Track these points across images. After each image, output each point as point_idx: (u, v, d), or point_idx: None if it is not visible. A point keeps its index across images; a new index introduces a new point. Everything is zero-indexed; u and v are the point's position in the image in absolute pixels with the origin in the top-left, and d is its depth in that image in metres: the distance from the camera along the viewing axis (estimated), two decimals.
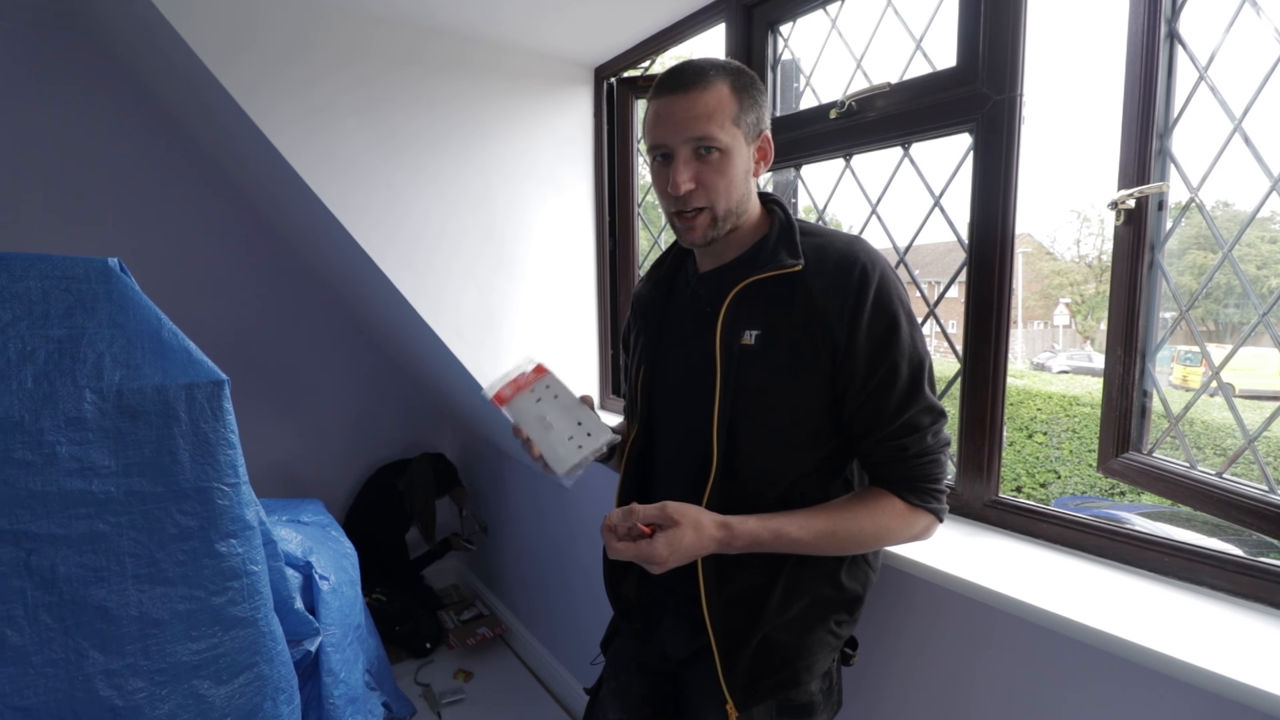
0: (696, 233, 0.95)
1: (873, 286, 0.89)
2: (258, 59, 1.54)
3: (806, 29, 1.58)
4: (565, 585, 2.35)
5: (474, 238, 1.92)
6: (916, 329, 0.92)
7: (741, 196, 0.95)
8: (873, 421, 0.91)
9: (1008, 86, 1.13)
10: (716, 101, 0.89)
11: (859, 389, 0.90)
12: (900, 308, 0.90)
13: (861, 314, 0.88)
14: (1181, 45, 1.02)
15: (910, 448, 0.90)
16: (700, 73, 0.90)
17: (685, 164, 0.91)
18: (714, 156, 0.91)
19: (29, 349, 1.01)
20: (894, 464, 0.92)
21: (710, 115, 0.89)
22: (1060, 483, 6.58)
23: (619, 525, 0.85)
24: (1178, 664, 0.80)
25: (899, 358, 0.89)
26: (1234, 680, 0.76)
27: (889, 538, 0.93)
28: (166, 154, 2.43)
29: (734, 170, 0.92)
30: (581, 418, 0.96)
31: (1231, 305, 7.35)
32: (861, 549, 0.94)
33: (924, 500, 0.93)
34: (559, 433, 0.95)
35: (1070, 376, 9.84)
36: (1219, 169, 1.02)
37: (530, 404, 0.96)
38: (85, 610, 1.06)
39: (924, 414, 0.90)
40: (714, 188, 0.92)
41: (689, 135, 0.89)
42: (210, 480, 1.13)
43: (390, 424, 3.14)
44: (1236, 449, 1.02)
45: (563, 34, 1.86)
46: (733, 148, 0.91)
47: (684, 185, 0.90)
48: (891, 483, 0.93)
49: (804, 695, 0.97)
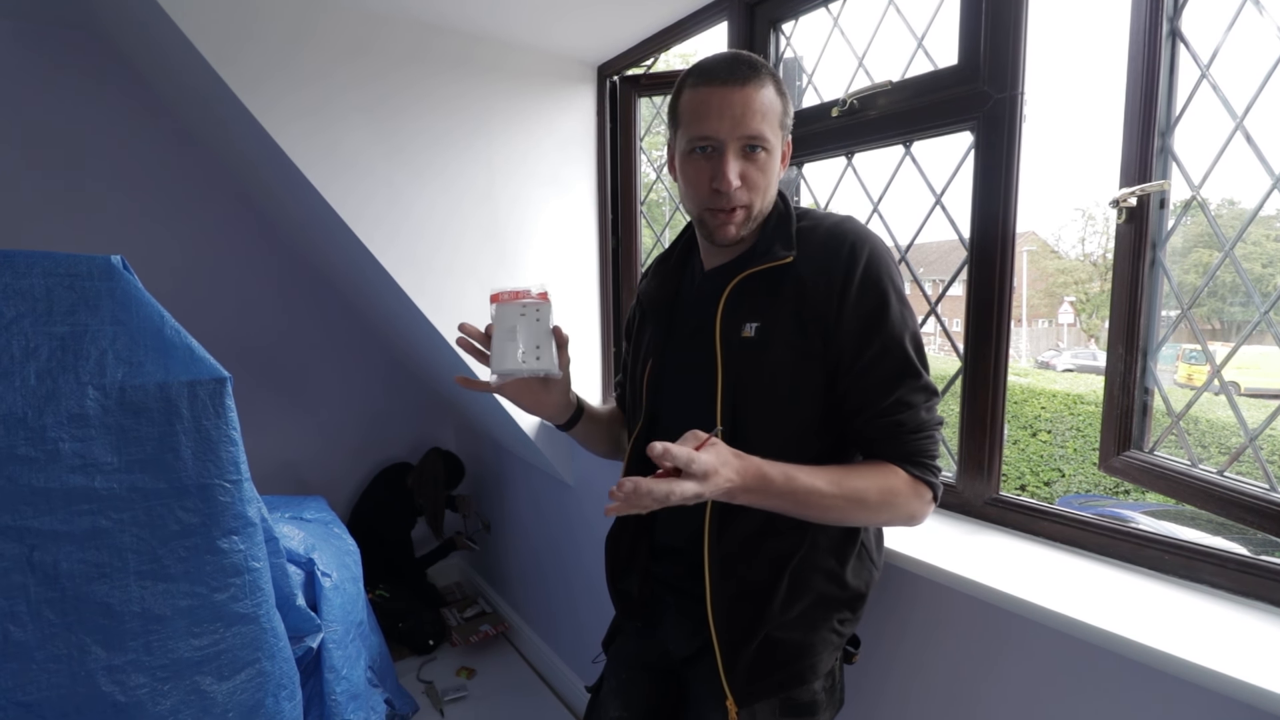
0: (733, 229, 0.94)
1: (861, 263, 0.88)
2: (259, 54, 1.54)
3: (808, 27, 1.58)
4: (567, 583, 2.36)
5: (476, 236, 1.93)
6: (907, 305, 0.91)
7: (773, 197, 0.96)
8: (865, 399, 0.89)
9: (1009, 85, 1.13)
10: (769, 100, 0.89)
11: (849, 367, 0.89)
12: (889, 284, 0.89)
13: (849, 290, 0.87)
14: (1183, 43, 1.02)
15: (906, 424, 0.89)
16: (755, 67, 0.89)
17: (735, 160, 0.90)
18: (760, 156, 0.90)
19: (32, 346, 1.01)
20: (891, 440, 0.90)
21: (764, 114, 0.89)
22: (1064, 481, 6.56)
23: (665, 459, 0.73)
24: (1179, 662, 0.80)
25: (889, 335, 0.88)
26: (1235, 678, 0.76)
27: (894, 501, 0.89)
28: (171, 152, 2.44)
29: (774, 171, 0.93)
30: (543, 346, 1.00)
31: (1236, 304, 7.31)
32: (867, 510, 0.89)
33: (924, 474, 0.90)
34: (516, 345, 0.99)
35: (1075, 375, 9.80)
36: (1221, 167, 1.02)
37: (513, 314, 1.00)
38: (87, 606, 1.06)
39: (917, 391, 0.89)
40: (757, 187, 0.92)
41: (743, 132, 0.88)
42: (212, 477, 1.14)
43: (396, 424, 3.15)
44: (1238, 447, 1.02)
45: (567, 32, 1.86)
46: (776, 149, 0.92)
47: (735, 182, 0.90)
48: (891, 457, 0.91)
49: (807, 694, 0.96)
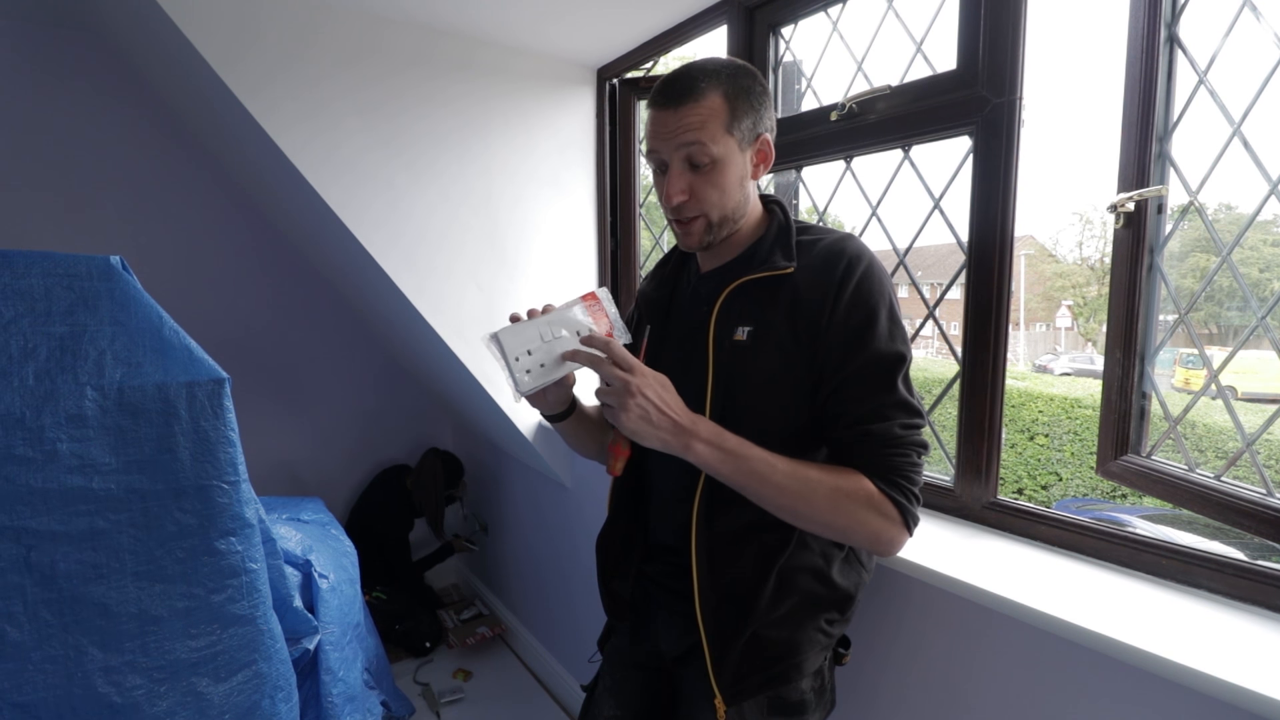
0: (693, 238, 0.97)
1: (855, 278, 0.88)
2: (261, 57, 1.54)
3: (808, 31, 1.59)
4: (564, 585, 2.35)
5: (476, 238, 1.93)
6: (897, 325, 0.90)
7: (738, 203, 0.95)
8: (841, 408, 0.89)
9: (1007, 90, 1.13)
10: (709, 112, 0.89)
11: (831, 376, 0.89)
12: (881, 301, 0.89)
13: (840, 302, 0.88)
14: (1181, 49, 1.02)
15: (875, 432, 0.87)
16: (691, 83, 0.90)
17: (678, 175, 0.92)
18: (705, 167, 0.91)
19: (31, 346, 1.01)
20: (861, 446, 0.88)
21: (701, 126, 0.89)
22: (1062, 485, 6.56)
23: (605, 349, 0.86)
24: (1175, 667, 0.80)
25: (873, 350, 0.87)
26: (1231, 683, 0.76)
27: (844, 505, 0.86)
28: (171, 153, 2.43)
29: (727, 179, 0.92)
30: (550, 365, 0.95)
31: (1234, 308, 7.32)
32: (814, 506, 0.86)
33: (892, 490, 0.86)
34: (535, 357, 0.94)
35: (1072, 379, 9.82)
36: (1219, 173, 1.02)
37: (571, 315, 0.98)
38: (84, 607, 1.06)
39: (895, 408, 0.87)
40: (706, 198, 0.93)
41: (680, 146, 0.90)
42: (210, 478, 1.14)
43: (394, 425, 3.14)
44: (1236, 452, 1.02)
45: (567, 35, 1.87)
46: (725, 157, 0.91)
47: (676, 197, 0.92)
48: (860, 465, 0.88)
49: (795, 693, 0.97)
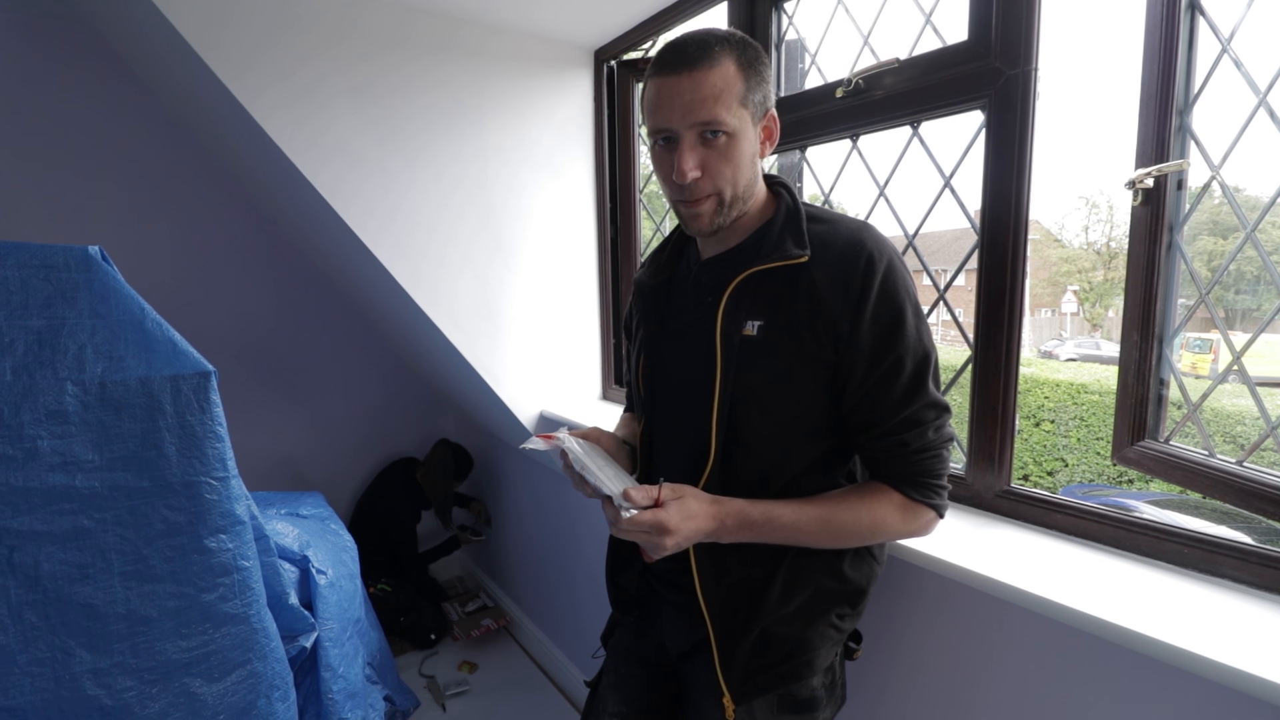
0: (703, 220, 0.90)
1: (878, 276, 0.85)
2: (243, 38, 1.49)
3: (812, 5, 1.53)
4: (568, 577, 2.33)
5: (471, 224, 1.89)
6: (923, 321, 0.88)
7: (749, 181, 0.91)
8: (874, 415, 0.87)
9: (1022, 60, 1.08)
10: (723, 81, 0.83)
11: (860, 381, 0.86)
12: (906, 299, 0.86)
13: (866, 304, 0.84)
14: (1203, 16, 0.98)
15: (911, 443, 0.87)
16: (705, 47, 0.84)
17: (691, 149, 0.85)
18: (720, 140, 0.85)
19: (7, 340, 0.98)
20: (895, 459, 0.89)
21: (717, 97, 0.83)
22: (1068, 471, 6.53)
23: (638, 498, 0.80)
24: (1195, 658, 0.77)
25: (903, 350, 0.85)
26: (1254, 675, 0.73)
27: (885, 531, 0.90)
28: (161, 143, 2.38)
29: (741, 154, 0.87)
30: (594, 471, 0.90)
31: (1243, 291, 7.25)
32: (858, 541, 0.91)
33: (924, 495, 0.90)
34: None
35: (1078, 364, 9.77)
36: (1241, 147, 0.98)
37: None
38: (71, 608, 1.03)
39: (927, 409, 0.87)
40: (721, 174, 0.87)
41: (694, 119, 0.84)
42: (198, 474, 1.10)
43: (397, 418, 3.12)
44: (1253, 436, 0.99)
45: (560, 15, 1.81)
46: (740, 130, 0.86)
47: (690, 173, 0.85)
48: (892, 477, 0.91)
49: (805, 690, 0.94)
